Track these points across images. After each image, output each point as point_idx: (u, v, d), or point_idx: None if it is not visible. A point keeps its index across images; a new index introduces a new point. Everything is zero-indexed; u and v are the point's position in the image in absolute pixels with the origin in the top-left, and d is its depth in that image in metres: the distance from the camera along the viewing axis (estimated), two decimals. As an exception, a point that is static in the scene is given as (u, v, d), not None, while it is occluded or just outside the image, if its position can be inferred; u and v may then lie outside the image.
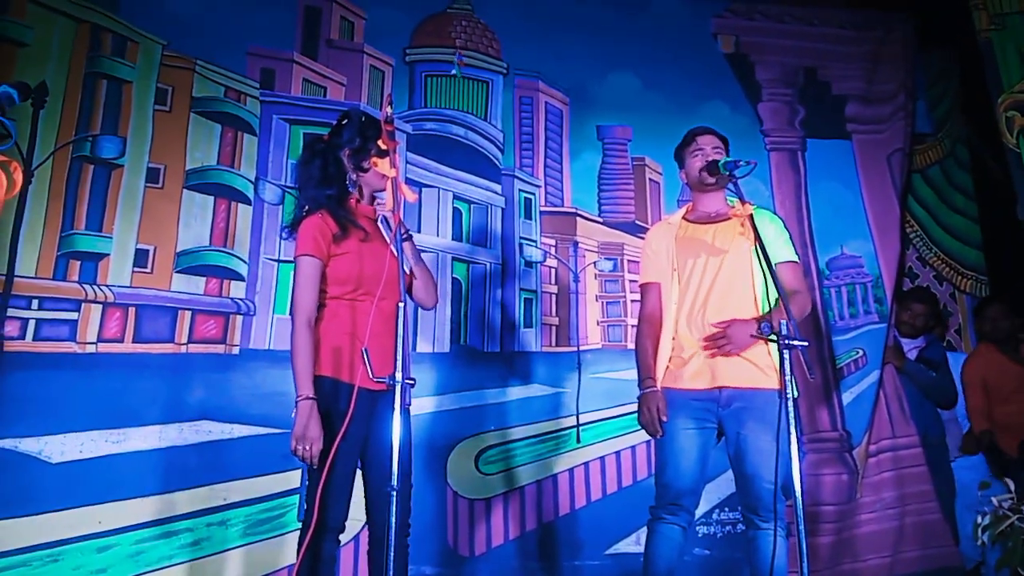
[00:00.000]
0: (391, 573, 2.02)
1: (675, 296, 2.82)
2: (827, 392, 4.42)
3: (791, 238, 2.88)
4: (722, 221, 2.83)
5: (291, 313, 2.47)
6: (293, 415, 2.35)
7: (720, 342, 2.64)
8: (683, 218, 2.95)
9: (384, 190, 2.51)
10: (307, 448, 2.30)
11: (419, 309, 2.78)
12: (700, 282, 2.78)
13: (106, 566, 3.19)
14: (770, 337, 2.38)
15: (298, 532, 2.37)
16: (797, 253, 2.88)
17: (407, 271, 2.57)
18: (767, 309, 2.65)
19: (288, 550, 3.34)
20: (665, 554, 2.68)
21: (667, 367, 2.79)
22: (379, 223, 2.62)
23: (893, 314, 4.57)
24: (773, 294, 2.52)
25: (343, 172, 2.57)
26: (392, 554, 2.03)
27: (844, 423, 4.39)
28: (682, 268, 2.82)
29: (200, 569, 3.31)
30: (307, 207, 2.55)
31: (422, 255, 2.73)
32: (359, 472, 2.48)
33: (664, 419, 2.69)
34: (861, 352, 4.56)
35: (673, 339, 2.81)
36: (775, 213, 3.26)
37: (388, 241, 2.54)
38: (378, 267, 2.44)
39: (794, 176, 4.69)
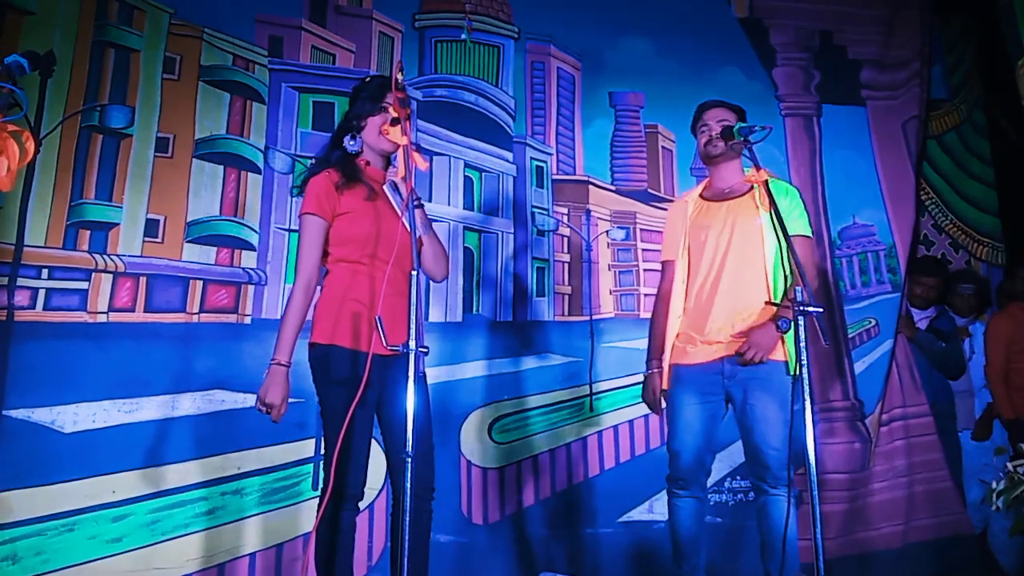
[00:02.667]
0: (408, 537, 2.02)
1: (683, 275, 2.85)
2: (839, 361, 4.40)
3: (806, 210, 2.85)
4: (735, 198, 2.82)
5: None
6: (265, 374, 2.35)
7: (749, 353, 2.63)
8: (700, 195, 2.94)
9: (387, 148, 2.53)
10: (267, 412, 2.34)
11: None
12: (712, 261, 2.79)
13: (122, 535, 3.20)
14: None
15: (314, 500, 2.37)
16: (811, 226, 2.85)
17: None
18: (778, 282, 2.67)
19: (303, 518, 3.36)
20: (686, 524, 2.75)
21: (674, 344, 2.83)
22: (387, 188, 2.57)
23: (906, 284, 4.53)
24: (786, 268, 2.51)
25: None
26: (408, 518, 2.02)
27: (856, 392, 4.38)
28: (692, 247, 2.85)
29: (216, 537, 3.32)
30: (316, 162, 2.59)
31: (433, 224, 2.71)
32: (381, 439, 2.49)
33: (664, 399, 2.85)
34: (874, 322, 4.53)
35: (680, 318, 2.83)
36: (790, 182, 3.19)
37: (396, 208, 2.50)
38: (384, 229, 2.43)
39: (809, 142, 4.63)
